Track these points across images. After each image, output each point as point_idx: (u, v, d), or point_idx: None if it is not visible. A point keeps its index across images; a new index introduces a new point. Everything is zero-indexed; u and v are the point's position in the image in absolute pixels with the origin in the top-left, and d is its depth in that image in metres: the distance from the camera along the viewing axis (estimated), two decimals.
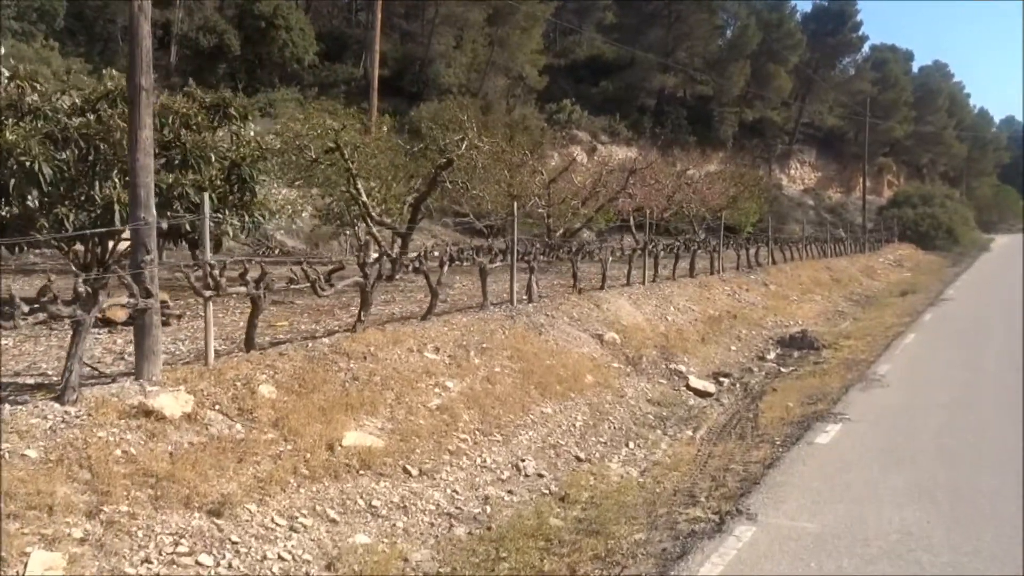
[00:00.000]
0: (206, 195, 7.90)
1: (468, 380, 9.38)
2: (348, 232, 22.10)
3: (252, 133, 13.18)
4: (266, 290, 8.41)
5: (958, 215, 53.03)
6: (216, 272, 7.74)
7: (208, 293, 7.73)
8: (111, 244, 11.83)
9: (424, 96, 44.05)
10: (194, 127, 11.97)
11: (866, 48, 64.66)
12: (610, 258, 16.54)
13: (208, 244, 7.83)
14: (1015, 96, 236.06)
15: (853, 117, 58.82)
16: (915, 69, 74.93)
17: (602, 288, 15.92)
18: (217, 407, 6.97)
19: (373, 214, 17.83)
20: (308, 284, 8.99)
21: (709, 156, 53.03)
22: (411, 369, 8.98)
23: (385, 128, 26.31)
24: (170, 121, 11.54)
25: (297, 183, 17.25)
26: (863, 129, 52.91)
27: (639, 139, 52.65)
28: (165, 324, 9.39)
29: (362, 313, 9.99)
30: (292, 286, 8.90)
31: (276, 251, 25.59)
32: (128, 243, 8.13)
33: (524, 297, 13.61)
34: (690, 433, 9.92)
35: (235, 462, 6.36)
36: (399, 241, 19.61)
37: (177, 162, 11.36)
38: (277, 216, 18.41)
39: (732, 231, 35.89)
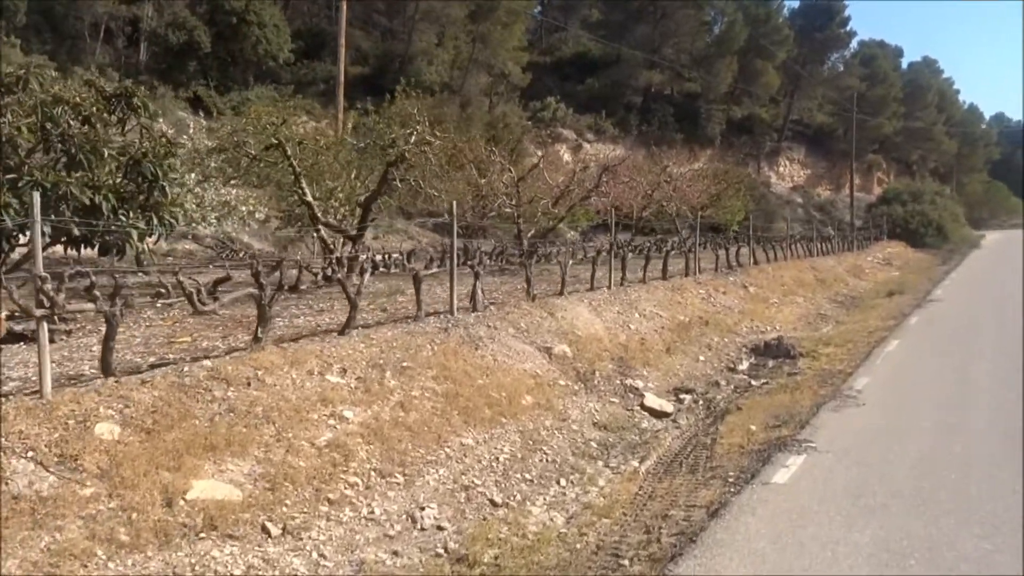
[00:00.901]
0: (36, 195, 6.51)
1: (376, 407, 8.02)
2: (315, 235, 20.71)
3: (164, 127, 11.81)
4: (124, 306, 7.04)
5: (948, 212, 51.70)
6: (50, 287, 6.37)
7: (39, 312, 6.36)
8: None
9: (405, 94, 42.55)
10: (91, 119, 10.59)
11: (854, 44, 63.43)
12: (570, 261, 15.20)
13: (40, 251, 6.45)
14: (1005, 93, 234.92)
15: (842, 114, 57.49)
16: (904, 66, 73.66)
17: (561, 294, 14.58)
18: (30, 454, 5.61)
19: (319, 215, 16.48)
20: (184, 297, 7.64)
21: (697, 154, 51.67)
22: (304, 396, 7.62)
23: (351, 125, 24.97)
24: (58, 113, 10.15)
25: (232, 182, 15.85)
26: (852, 125, 51.58)
27: (625, 137, 51.36)
28: (51, 341, 8.02)
29: (259, 330, 8.65)
30: (160, 301, 7.54)
31: (241, 254, 24.02)
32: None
33: (468, 305, 12.28)
34: (636, 464, 8.55)
35: (28, 529, 5.00)
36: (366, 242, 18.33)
37: (64, 160, 9.99)
38: (208, 219, 17.09)
39: (718, 230, 34.65)
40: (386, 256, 12.66)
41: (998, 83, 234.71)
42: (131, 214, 10.66)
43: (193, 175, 16.07)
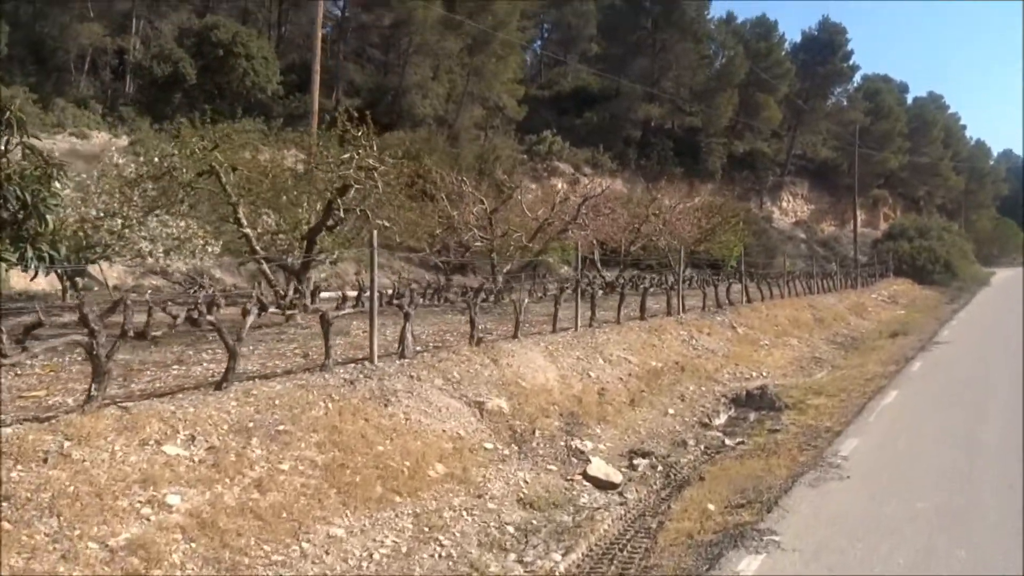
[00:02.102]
0: None
1: (220, 488, 6.26)
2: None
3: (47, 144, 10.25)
4: None
5: (956, 248, 49.65)
6: None
7: None
8: None
9: (397, 127, 41.50)
10: None
11: (858, 78, 61.99)
12: (526, 300, 13.47)
13: None
14: (1012, 130, 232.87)
15: (847, 148, 55.84)
16: (909, 101, 72.06)
17: (515, 336, 12.84)
18: None
19: (256, 247, 14.89)
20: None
21: (697, 188, 50.13)
22: (119, 476, 5.88)
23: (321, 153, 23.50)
24: None
25: (156, 212, 14.30)
26: (855, 158, 49.91)
27: (624, 171, 49.95)
28: None
29: (93, 387, 6.93)
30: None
31: (210, 290, 22.17)
32: None
33: (397, 351, 10.57)
34: (557, 559, 6.74)
35: None
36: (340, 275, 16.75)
37: None
38: (154, 253, 15.59)
39: (717, 266, 32.89)
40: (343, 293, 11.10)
41: (1005, 120, 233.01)
42: None
43: (115, 204, 14.64)
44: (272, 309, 8.88)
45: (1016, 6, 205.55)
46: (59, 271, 14.62)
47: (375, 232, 10.19)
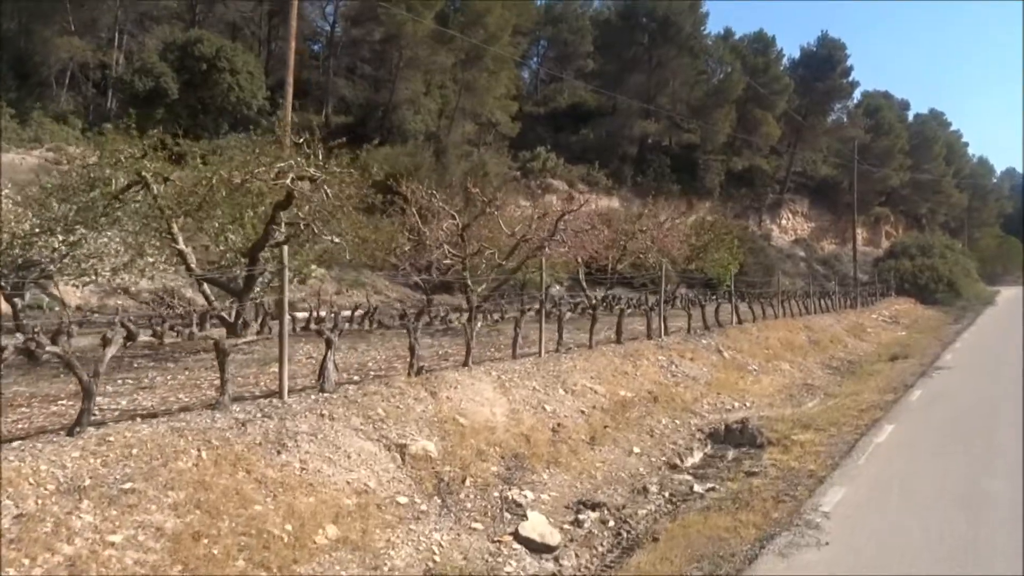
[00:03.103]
0: None
1: (14, 572, 4.85)
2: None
3: None
4: None
5: (960, 266, 48.02)
6: None
7: None
8: None
9: (387, 143, 40.37)
10: None
11: (858, 95, 60.58)
12: (479, 324, 12.07)
13: None
14: (1015, 149, 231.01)
15: (847, 165, 54.41)
16: (910, 118, 70.55)
17: (466, 364, 11.42)
18: None
19: (193, 265, 13.54)
20: None
21: (695, 205, 48.75)
22: None
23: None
24: None
25: (59, 226, 12.97)
26: (857, 176, 48.49)
27: (620, 188, 48.61)
28: None
29: None
30: None
31: (178, 310, 20.85)
32: None
33: (317, 383, 9.18)
34: None
35: None
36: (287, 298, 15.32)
37: None
38: (89, 273, 14.28)
39: (712, 285, 31.42)
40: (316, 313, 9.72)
41: (1007, 139, 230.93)
42: None
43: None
44: (144, 337, 7.46)
45: (1016, 25, 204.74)
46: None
47: (285, 248, 8.80)
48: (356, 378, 10.93)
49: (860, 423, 12.33)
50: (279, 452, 7.19)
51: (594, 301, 15.42)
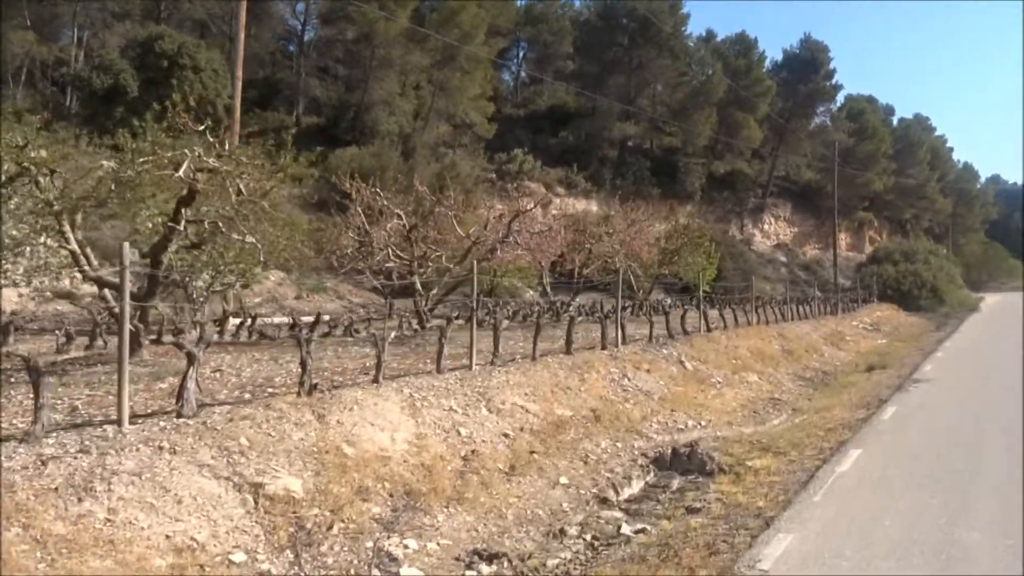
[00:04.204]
0: None
1: None
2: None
3: None
4: None
5: (944, 272, 46.77)
6: None
7: None
8: None
9: (360, 144, 38.89)
10: None
11: (841, 98, 59.41)
12: (392, 334, 10.61)
13: None
14: (1000, 155, 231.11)
15: (831, 169, 53.38)
16: (895, 123, 69.37)
17: (376, 380, 9.94)
18: None
19: (87, 268, 12.03)
20: None
21: (675, 209, 47.39)
22: None
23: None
24: None
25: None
26: (840, 180, 47.22)
27: (599, 191, 47.27)
28: None
29: None
30: None
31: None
32: None
33: (176, 406, 7.68)
34: None
35: None
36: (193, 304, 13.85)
37: None
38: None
39: (688, 289, 30.05)
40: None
41: (993, 145, 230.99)
42: None
43: None
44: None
45: (1005, 31, 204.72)
46: None
47: (127, 245, 7.30)
48: (247, 396, 9.45)
49: (825, 446, 10.88)
50: (80, 499, 5.69)
51: (537, 308, 13.94)
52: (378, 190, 17.53)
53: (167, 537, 5.75)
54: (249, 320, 14.82)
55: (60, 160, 11.65)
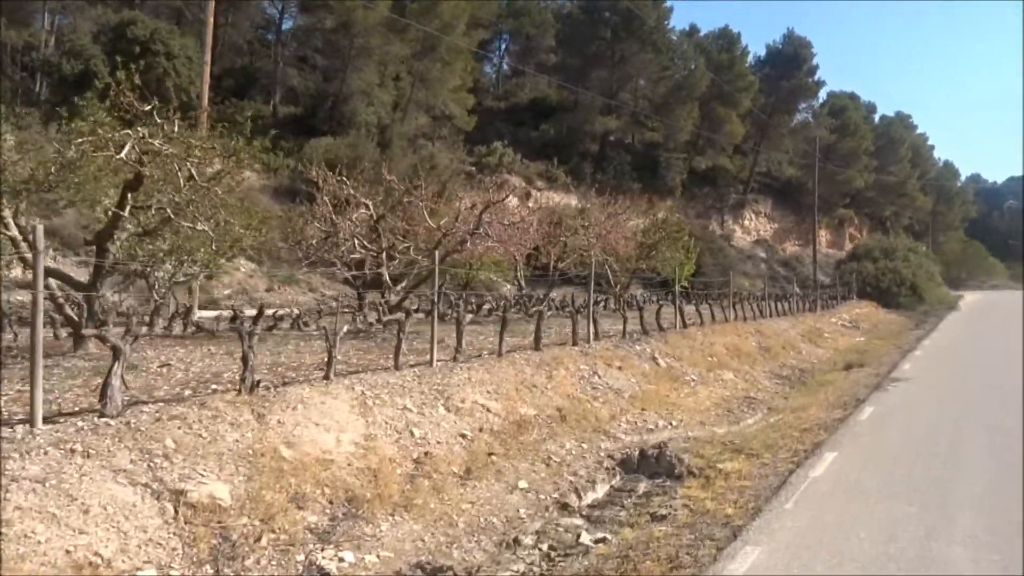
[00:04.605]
0: None
1: None
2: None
3: None
4: None
5: (923, 270, 46.62)
6: None
7: None
8: None
9: (337, 134, 38.15)
10: None
11: (824, 94, 59.20)
12: (344, 328, 10.04)
13: None
14: (980, 154, 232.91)
15: (812, 165, 53.24)
16: (877, 120, 69.23)
17: (327, 377, 9.35)
18: None
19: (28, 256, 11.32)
20: None
21: (656, 204, 46.98)
22: None
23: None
24: None
25: None
26: (821, 177, 46.95)
27: (579, 186, 46.69)
28: None
29: None
30: None
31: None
32: None
33: (100, 404, 7.06)
34: None
35: None
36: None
37: None
38: None
39: (668, 284, 29.62)
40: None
41: (973, 144, 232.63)
42: None
43: None
44: None
45: (990, 31, 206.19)
46: None
47: (40, 228, 6.65)
48: (188, 392, 8.84)
49: (799, 448, 10.41)
50: None
51: (504, 303, 13.39)
52: (344, 178, 16.89)
53: (67, 552, 5.15)
54: (183, 312, 14.12)
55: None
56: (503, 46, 57.15)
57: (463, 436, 9.18)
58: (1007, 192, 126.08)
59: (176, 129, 11.19)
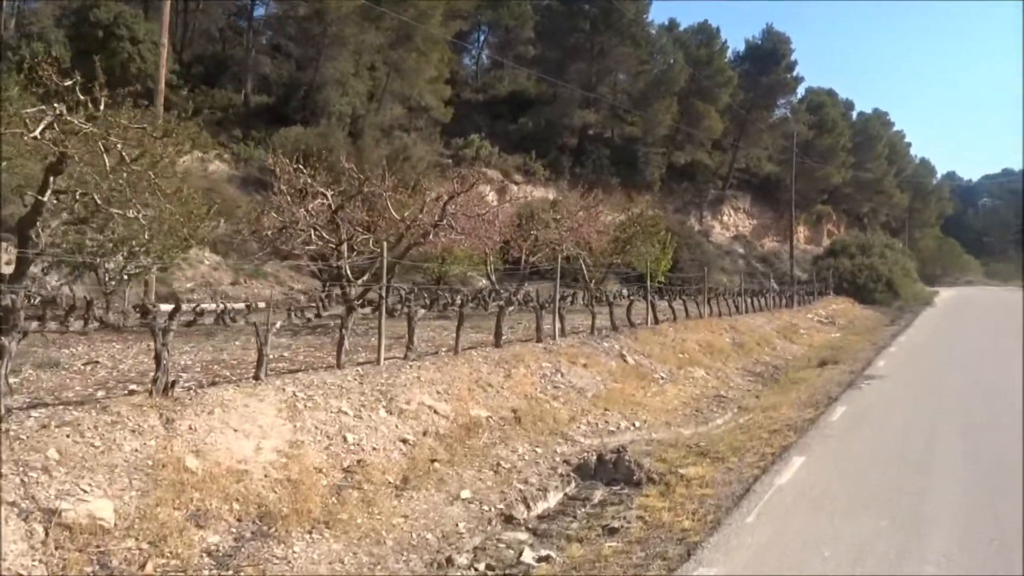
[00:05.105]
0: None
1: None
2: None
3: None
4: None
5: (899, 266, 46.33)
6: None
7: None
8: None
9: (310, 124, 37.12)
10: None
11: (802, 90, 58.80)
12: (277, 324, 9.23)
13: None
14: (956, 152, 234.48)
15: (790, 161, 52.85)
16: (855, 117, 69.01)
17: (256, 377, 8.55)
18: None
19: None
20: None
21: (634, 199, 46.35)
22: None
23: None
24: None
25: None
26: (799, 173, 46.48)
27: (558, 179, 45.95)
28: None
29: None
30: None
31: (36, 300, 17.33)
32: None
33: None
34: None
35: None
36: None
37: None
38: None
39: (644, 280, 28.96)
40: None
41: (949, 142, 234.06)
42: None
43: None
44: None
45: (969, 30, 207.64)
46: None
47: None
48: (101, 393, 8.03)
49: (767, 451, 9.73)
50: None
51: (461, 297, 12.61)
52: (300, 166, 16.01)
53: None
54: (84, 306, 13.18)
55: None
56: (482, 38, 56.26)
57: (404, 441, 8.42)
58: (982, 190, 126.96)
59: (102, 108, 10.27)
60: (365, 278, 17.14)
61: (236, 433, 7.13)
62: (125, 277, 14.41)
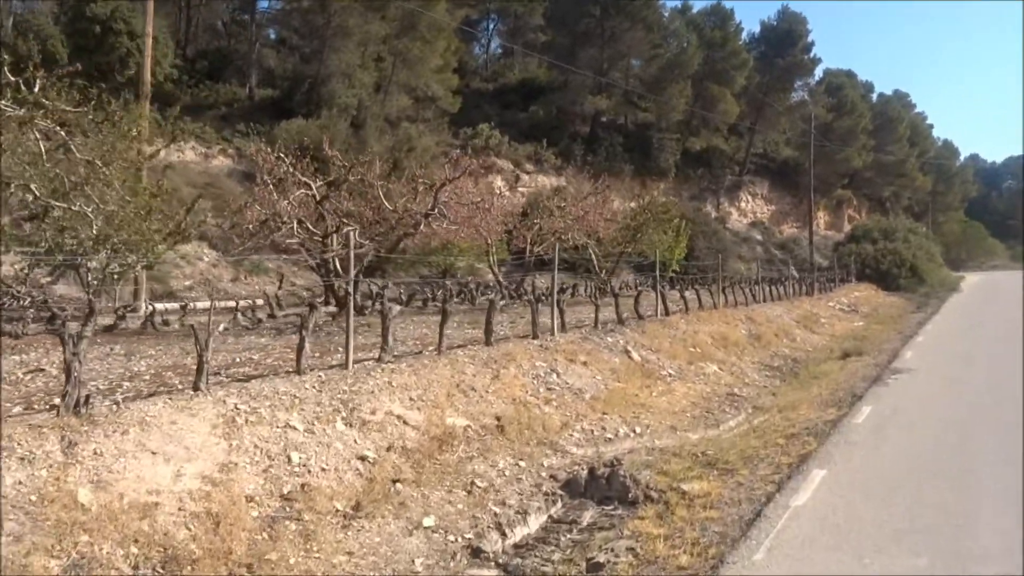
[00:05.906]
0: None
1: None
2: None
3: None
4: None
5: (923, 251, 44.51)
6: None
7: None
8: None
9: (315, 117, 36.13)
10: None
11: (820, 72, 56.85)
12: (221, 327, 8.16)
13: None
14: (980, 134, 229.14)
15: (808, 145, 51.08)
16: (875, 99, 66.85)
17: (196, 388, 7.47)
18: None
19: None
20: None
21: (649, 187, 45.01)
22: None
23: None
24: None
25: None
26: (818, 157, 44.76)
27: (570, 168, 44.67)
28: None
29: None
30: None
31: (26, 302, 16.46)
32: None
33: None
34: None
35: None
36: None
37: None
38: None
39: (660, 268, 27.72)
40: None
41: (973, 123, 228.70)
42: None
43: None
44: None
45: (990, 10, 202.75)
46: None
47: None
48: (17, 409, 6.98)
49: (783, 461, 8.52)
50: None
51: (443, 292, 11.46)
52: (282, 155, 14.96)
53: None
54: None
55: None
56: (491, 26, 54.98)
57: (363, 459, 7.31)
58: (1006, 172, 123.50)
59: (37, 90, 9.23)
60: (355, 272, 16.07)
61: (154, 457, 6.04)
62: (115, 276, 13.52)
